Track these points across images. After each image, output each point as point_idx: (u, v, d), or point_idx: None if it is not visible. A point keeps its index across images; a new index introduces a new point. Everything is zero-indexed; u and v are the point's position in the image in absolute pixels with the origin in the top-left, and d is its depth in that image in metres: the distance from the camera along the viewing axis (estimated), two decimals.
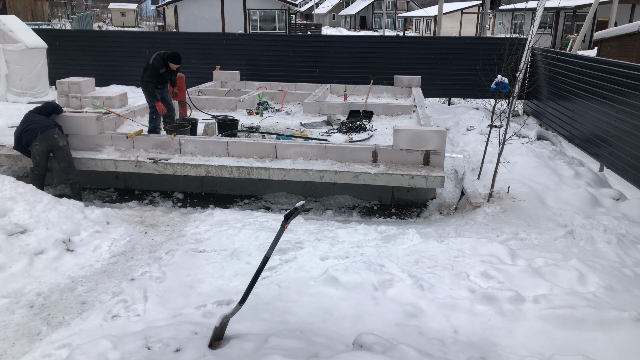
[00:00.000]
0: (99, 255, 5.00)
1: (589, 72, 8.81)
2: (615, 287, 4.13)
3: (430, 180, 6.37)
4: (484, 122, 10.82)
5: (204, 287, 4.29)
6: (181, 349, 3.25)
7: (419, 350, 3.23)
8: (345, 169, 6.55)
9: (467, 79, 13.16)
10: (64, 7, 51.85)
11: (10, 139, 7.70)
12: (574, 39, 21.63)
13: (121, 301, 4.09)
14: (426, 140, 6.62)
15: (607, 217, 5.95)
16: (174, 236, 5.41)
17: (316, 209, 6.91)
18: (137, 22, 53.40)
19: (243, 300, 3.31)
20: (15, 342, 3.65)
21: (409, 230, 5.28)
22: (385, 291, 4.12)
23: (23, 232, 4.83)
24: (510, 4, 31.68)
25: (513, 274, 4.32)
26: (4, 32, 12.00)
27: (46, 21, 36.90)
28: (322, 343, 3.41)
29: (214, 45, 14.57)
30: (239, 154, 7.00)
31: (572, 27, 30.18)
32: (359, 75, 13.25)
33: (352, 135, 8.23)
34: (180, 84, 9.23)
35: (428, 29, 51.58)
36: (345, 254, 4.77)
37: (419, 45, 14.44)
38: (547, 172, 7.35)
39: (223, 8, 29.77)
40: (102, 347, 3.27)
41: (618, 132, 7.62)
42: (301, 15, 65.15)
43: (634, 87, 7.19)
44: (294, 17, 39.95)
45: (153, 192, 7.44)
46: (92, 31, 20.87)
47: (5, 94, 12.21)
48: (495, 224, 5.78)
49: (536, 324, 3.71)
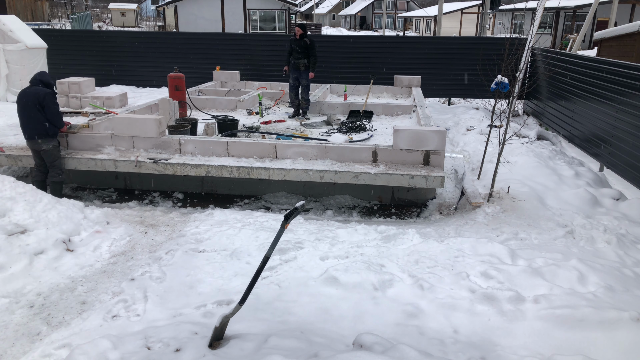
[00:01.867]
0: (99, 255, 5.00)
1: (589, 72, 8.81)
2: (615, 287, 4.13)
3: (430, 180, 6.37)
4: (484, 122, 10.82)
5: (204, 287, 4.29)
6: (181, 349, 3.25)
7: (419, 350, 3.23)
8: (345, 169, 6.55)
9: (467, 79, 13.22)
10: (64, 7, 51.84)
11: (10, 139, 7.71)
12: (574, 39, 21.63)
13: (121, 301, 4.09)
14: (426, 140, 6.62)
15: (607, 217, 5.95)
16: (174, 236, 5.41)
17: (316, 209, 6.91)
18: (137, 22, 53.37)
19: (243, 300, 3.31)
20: (15, 342, 3.65)
21: (409, 230, 5.28)
22: (385, 291, 4.12)
23: (23, 232, 4.83)
24: (510, 4, 31.68)
25: (513, 274, 4.32)
26: (4, 32, 12.00)
27: (46, 21, 36.88)
28: (322, 343, 3.41)
29: (214, 45, 14.57)
30: (239, 154, 7.00)
31: (572, 27, 30.18)
32: (359, 75, 13.25)
33: (352, 135, 8.23)
34: (180, 84, 9.24)
35: (428, 29, 51.57)
36: (345, 254, 4.77)
37: (419, 45, 14.43)
38: (547, 172, 7.35)
39: (223, 8, 29.77)
40: (102, 347, 3.26)
41: (618, 132, 7.62)
42: (301, 15, 65.14)
43: (634, 87, 7.18)
44: (294, 17, 39.95)
45: (153, 192, 7.44)
46: (92, 31, 20.87)
47: (5, 94, 12.20)
48: (495, 224, 5.78)
49: (536, 324, 3.71)
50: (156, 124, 7.07)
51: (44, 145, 6.51)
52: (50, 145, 6.57)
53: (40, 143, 6.49)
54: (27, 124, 6.45)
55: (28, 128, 6.46)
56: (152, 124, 7.05)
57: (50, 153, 6.60)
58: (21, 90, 6.60)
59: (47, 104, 6.42)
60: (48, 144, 6.55)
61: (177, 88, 9.22)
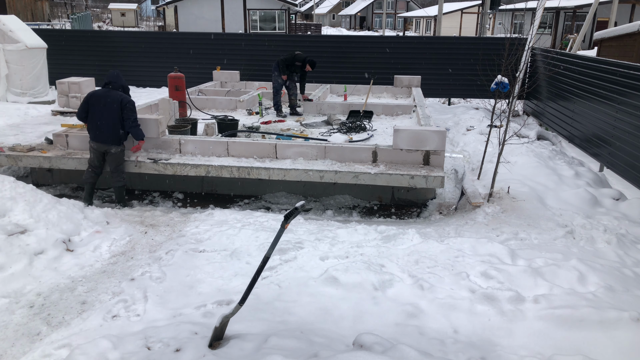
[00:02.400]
0: (99, 255, 5.00)
1: (589, 72, 8.81)
2: (615, 287, 4.13)
3: (430, 180, 6.37)
4: (484, 122, 10.82)
5: (204, 287, 4.29)
6: (181, 349, 3.25)
7: (419, 350, 3.23)
8: (345, 169, 6.55)
9: (467, 79, 13.21)
10: (64, 7, 51.82)
11: (10, 139, 7.70)
12: (574, 39, 21.62)
13: (121, 301, 4.09)
14: (426, 140, 6.62)
15: (607, 217, 5.95)
16: (174, 236, 5.41)
17: (316, 209, 6.91)
18: (137, 22, 53.36)
19: (243, 300, 3.31)
20: (15, 342, 3.64)
21: (409, 230, 5.28)
22: (385, 291, 4.12)
23: (23, 232, 4.83)
24: (510, 4, 31.68)
25: (513, 274, 4.32)
26: (4, 32, 12.00)
27: (46, 21, 36.88)
28: (322, 343, 3.41)
29: (214, 45, 14.57)
30: (239, 154, 7.00)
31: (572, 27, 30.18)
32: (359, 75, 13.25)
33: (352, 135, 8.23)
34: (180, 84, 9.24)
35: (428, 29, 51.57)
36: (345, 254, 4.77)
37: (419, 45, 14.43)
38: (547, 172, 7.35)
39: (223, 8, 29.77)
40: (102, 347, 3.27)
41: (618, 132, 7.62)
42: (301, 15, 65.16)
43: (634, 87, 7.18)
44: (294, 17, 39.95)
45: (153, 192, 7.44)
46: (92, 31, 20.87)
47: (5, 94, 12.20)
48: (495, 224, 5.78)
49: (536, 324, 3.71)
50: (156, 124, 7.07)
51: (113, 148, 6.48)
52: (119, 149, 6.55)
53: (111, 145, 6.47)
54: (103, 126, 6.36)
55: (104, 129, 6.37)
56: (152, 124, 7.05)
57: (117, 157, 6.57)
58: (99, 90, 6.50)
59: (128, 111, 6.41)
60: (117, 147, 6.53)
61: (177, 88, 9.21)
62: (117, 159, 6.59)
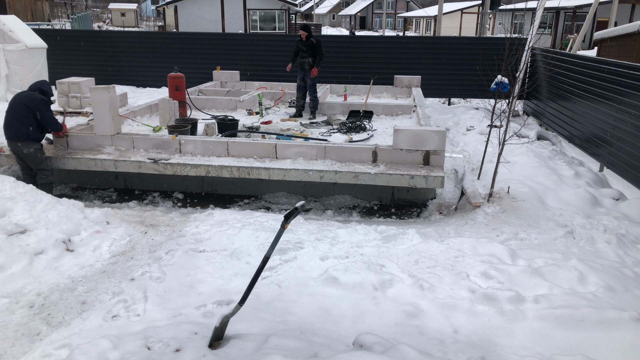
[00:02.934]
0: (99, 255, 5.00)
1: (589, 72, 8.81)
2: (615, 287, 4.13)
3: (430, 180, 6.37)
4: (484, 122, 10.82)
5: (204, 287, 4.29)
6: (181, 349, 3.25)
7: (419, 350, 3.23)
8: (345, 169, 6.55)
9: (467, 79, 13.21)
10: (64, 7, 51.83)
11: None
12: (574, 39, 21.63)
13: (121, 301, 4.09)
14: (426, 140, 6.62)
15: (607, 217, 5.95)
16: (174, 236, 5.41)
17: (316, 209, 6.91)
18: (137, 22, 53.37)
19: (243, 300, 3.31)
20: (15, 342, 3.64)
21: (409, 230, 5.28)
22: (385, 291, 4.12)
23: (23, 232, 4.83)
24: (510, 4, 31.68)
25: (513, 274, 4.32)
26: (4, 32, 12.00)
27: (46, 21, 36.90)
28: (322, 343, 3.41)
29: (214, 45, 14.57)
30: (239, 154, 7.00)
31: (572, 27, 30.19)
32: (359, 75, 13.24)
33: (352, 135, 8.23)
34: (180, 84, 9.24)
35: (428, 29, 51.57)
36: (345, 254, 4.77)
37: (419, 45, 14.43)
38: (547, 172, 7.35)
39: (223, 8, 29.76)
40: (102, 347, 3.27)
41: (618, 132, 7.62)
42: (301, 15, 65.15)
43: (634, 87, 7.18)
44: (294, 17, 39.97)
45: (153, 192, 7.44)
46: (92, 31, 20.87)
47: (5, 94, 12.20)
48: (495, 224, 5.78)
49: (536, 324, 3.71)
50: None
51: (24, 149, 6.48)
52: (31, 149, 6.51)
53: (21, 146, 6.46)
54: (10, 125, 6.41)
55: (10, 129, 6.42)
56: None
57: (32, 156, 6.56)
58: (17, 93, 6.61)
59: (40, 110, 6.42)
60: (29, 147, 6.49)
61: (177, 88, 9.21)
62: (33, 158, 6.57)
